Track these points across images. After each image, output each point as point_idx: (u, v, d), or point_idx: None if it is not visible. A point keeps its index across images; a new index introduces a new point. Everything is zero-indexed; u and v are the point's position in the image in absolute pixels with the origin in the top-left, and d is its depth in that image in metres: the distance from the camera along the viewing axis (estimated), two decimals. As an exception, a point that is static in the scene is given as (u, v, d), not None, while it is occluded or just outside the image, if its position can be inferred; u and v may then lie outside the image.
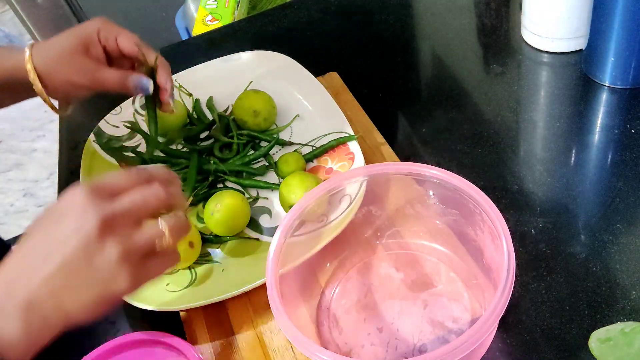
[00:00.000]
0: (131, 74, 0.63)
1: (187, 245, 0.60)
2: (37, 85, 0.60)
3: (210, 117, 0.78)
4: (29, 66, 0.60)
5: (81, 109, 0.91)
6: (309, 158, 0.70)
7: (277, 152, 0.73)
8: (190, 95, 0.79)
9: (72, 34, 0.62)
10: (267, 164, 0.71)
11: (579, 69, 0.75)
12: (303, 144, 0.72)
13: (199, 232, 0.64)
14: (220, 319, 0.59)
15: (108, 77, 0.62)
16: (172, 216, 0.45)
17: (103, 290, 0.42)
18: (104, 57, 0.63)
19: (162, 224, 0.44)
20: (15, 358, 0.40)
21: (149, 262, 0.44)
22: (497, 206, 0.48)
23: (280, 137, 0.73)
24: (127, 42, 0.63)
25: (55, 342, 0.44)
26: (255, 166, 0.72)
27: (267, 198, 0.69)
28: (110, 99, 0.79)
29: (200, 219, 0.67)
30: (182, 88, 0.79)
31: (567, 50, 0.77)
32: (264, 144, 0.74)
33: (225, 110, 0.78)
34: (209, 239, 0.65)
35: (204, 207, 0.66)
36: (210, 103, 0.78)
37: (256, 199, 0.69)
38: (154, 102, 0.67)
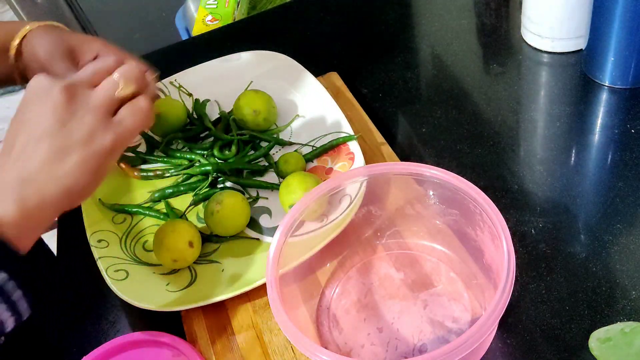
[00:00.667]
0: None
1: (187, 245, 0.60)
2: (12, 51, 0.61)
3: (211, 117, 0.78)
4: (20, 32, 0.61)
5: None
6: (309, 158, 0.70)
7: (277, 152, 0.73)
8: (190, 95, 0.79)
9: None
10: (267, 164, 0.71)
11: (579, 69, 0.75)
12: (303, 144, 0.72)
13: (199, 232, 0.64)
14: (220, 319, 0.59)
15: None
16: (124, 66, 0.48)
17: (87, 149, 0.44)
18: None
19: (115, 75, 0.47)
20: (16, 236, 0.42)
21: (120, 114, 0.47)
22: (497, 206, 0.48)
23: (280, 137, 0.73)
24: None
25: (56, 342, 0.44)
26: (255, 166, 0.72)
27: (267, 198, 0.68)
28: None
29: (200, 219, 0.67)
30: (182, 88, 0.79)
31: (567, 50, 0.77)
32: (264, 144, 0.74)
33: (230, 113, 0.78)
34: (209, 239, 0.65)
35: (204, 207, 0.66)
36: (203, 110, 0.78)
37: (256, 199, 0.69)
38: None
